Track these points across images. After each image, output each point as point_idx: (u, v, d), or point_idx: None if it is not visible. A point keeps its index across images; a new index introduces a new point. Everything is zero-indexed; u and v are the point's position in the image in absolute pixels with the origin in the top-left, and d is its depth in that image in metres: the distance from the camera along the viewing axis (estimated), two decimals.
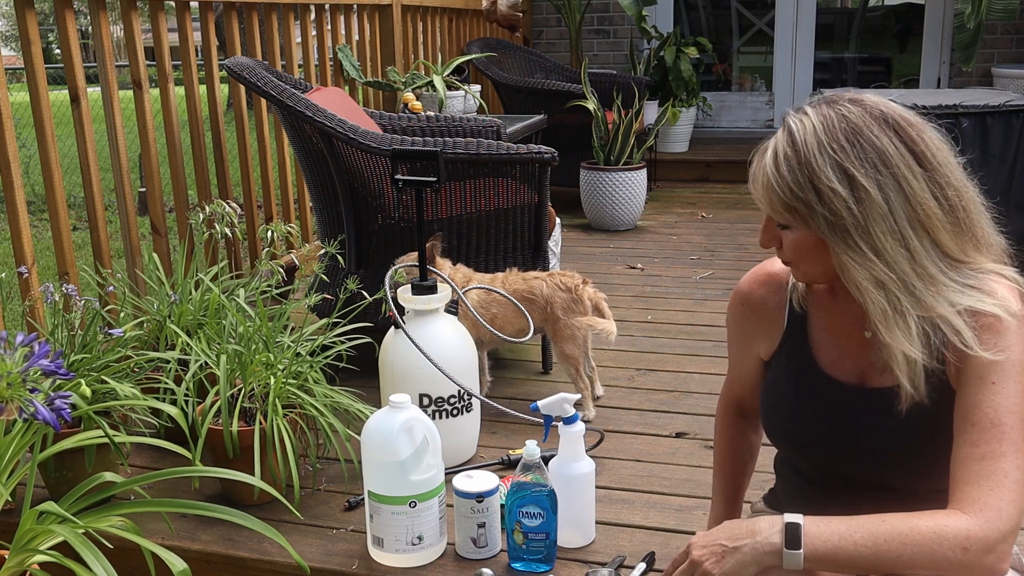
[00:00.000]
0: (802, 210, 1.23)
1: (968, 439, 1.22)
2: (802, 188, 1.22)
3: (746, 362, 1.56)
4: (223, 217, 2.43)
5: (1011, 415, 1.21)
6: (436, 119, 3.30)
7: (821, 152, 1.22)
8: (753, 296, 1.50)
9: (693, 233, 4.73)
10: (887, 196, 1.21)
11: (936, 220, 1.24)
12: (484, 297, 2.53)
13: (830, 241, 1.23)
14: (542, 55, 6.07)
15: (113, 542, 1.63)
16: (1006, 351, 1.22)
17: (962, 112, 3.35)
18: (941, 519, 1.18)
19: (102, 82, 2.72)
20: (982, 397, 1.22)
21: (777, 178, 1.24)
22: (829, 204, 1.21)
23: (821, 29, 6.77)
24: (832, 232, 1.22)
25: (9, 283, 2.19)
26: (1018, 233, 3.75)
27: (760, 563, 1.21)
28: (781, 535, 1.20)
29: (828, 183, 1.21)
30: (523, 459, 1.78)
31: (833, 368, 1.40)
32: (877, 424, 1.34)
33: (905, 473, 1.35)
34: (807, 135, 1.23)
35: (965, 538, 1.15)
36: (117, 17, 2.90)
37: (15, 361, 1.37)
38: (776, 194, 1.25)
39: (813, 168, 1.21)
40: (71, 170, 6.11)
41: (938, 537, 1.16)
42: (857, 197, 1.21)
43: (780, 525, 1.21)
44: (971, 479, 1.19)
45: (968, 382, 1.24)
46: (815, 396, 1.41)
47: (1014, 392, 1.22)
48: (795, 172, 1.23)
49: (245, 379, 2.08)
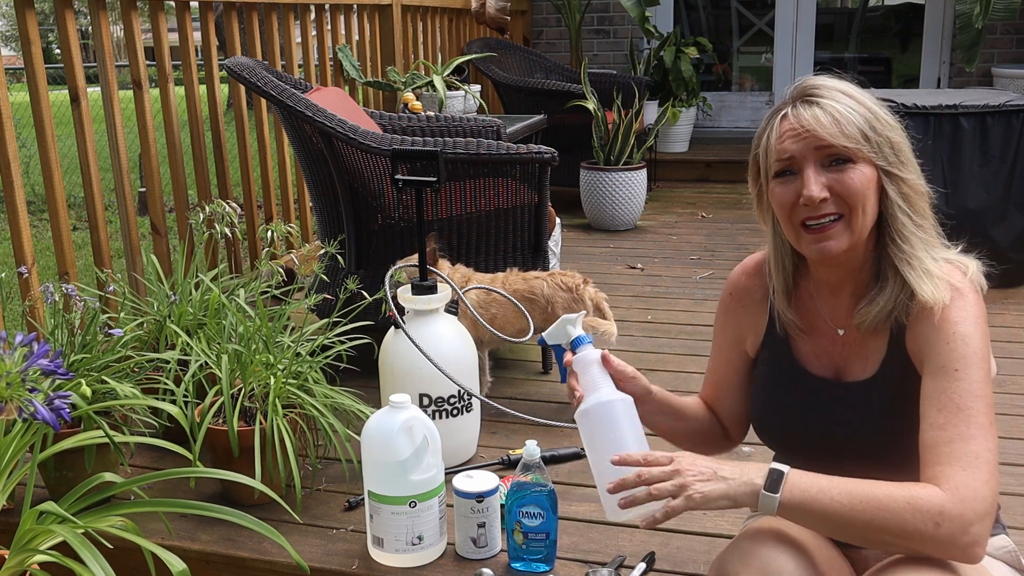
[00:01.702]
0: (874, 138, 1.31)
1: (934, 423, 1.24)
2: (870, 120, 1.31)
3: (732, 359, 1.57)
4: (223, 217, 2.43)
5: (976, 399, 1.24)
6: (436, 119, 3.30)
7: (864, 97, 1.33)
8: (740, 286, 1.54)
9: (693, 233, 4.73)
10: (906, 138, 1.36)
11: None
12: (484, 297, 2.53)
13: (893, 166, 1.32)
14: (542, 55, 6.06)
15: (113, 542, 1.63)
16: (957, 322, 1.28)
17: (962, 112, 3.35)
18: (918, 490, 1.19)
19: (102, 82, 2.72)
20: (946, 384, 1.25)
21: (851, 112, 1.31)
22: (891, 131, 1.32)
23: (821, 29, 6.76)
24: (896, 155, 1.32)
25: (9, 283, 2.19)
26: (1018, 233, 3.77)
27: (737, 499, 1.23)
28: (763, 478, 1.22)
29: (884, 116, 1.33)
30: (523, 459, 1.78)
31: (812, 364, 1.44)
32: (854, 416, 1.38)
33: (885, 463, 1.37)
34: (847, 87, 1.34)
35: (939, 513, 1.17)
36: (117, 17, 2.90)
37: (14, 361, 1.37)
38: (855, 125, 1.30)
39: (870, 106, 1.33)
40: (71, 170, 6.11)
41: (912, 507, 1.17)
42: (895, 129, 1.34)
43: (766, 470, 1.23)
44: (942, 460, 1.21)
45: (932, 372, 1.27)
46: (797, 391, 1.45)
47: (977, 378, 1.25)
48: (859, 109, 1.31)
49: (245, 379, 2.08)
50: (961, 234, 1.42)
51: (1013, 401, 2.56)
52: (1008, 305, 3.35)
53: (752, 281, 1.53)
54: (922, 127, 3.31)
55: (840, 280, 1.40)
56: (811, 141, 1.30)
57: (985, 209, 3.39)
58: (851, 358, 1.40)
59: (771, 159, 1.34)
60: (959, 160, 3.37)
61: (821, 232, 1.33)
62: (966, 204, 3.38)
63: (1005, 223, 3.46)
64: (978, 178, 3.41)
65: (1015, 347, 2.98)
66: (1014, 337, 3.06)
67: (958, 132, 3.36)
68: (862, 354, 1.39)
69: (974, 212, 3.39)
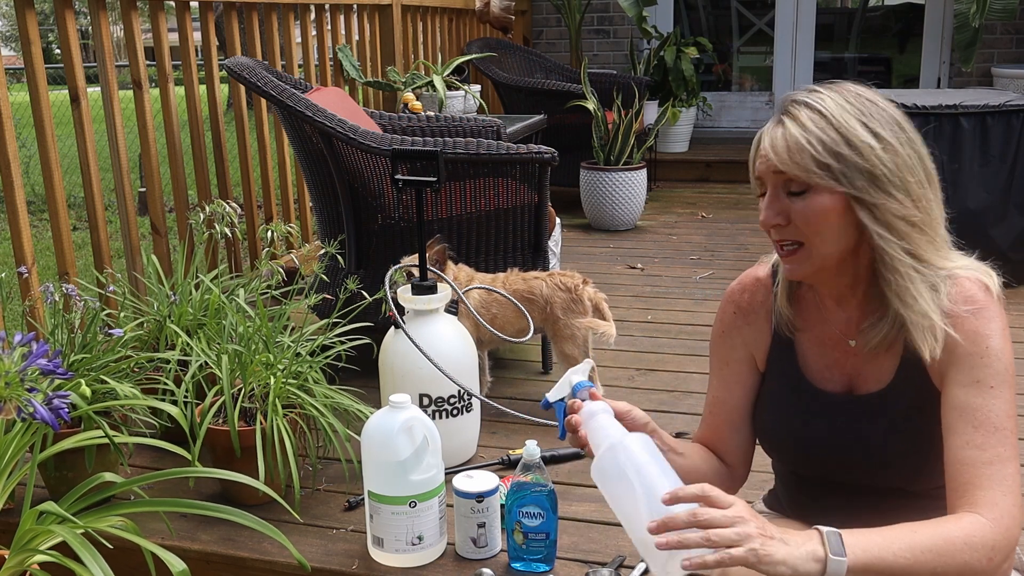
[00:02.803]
0: (835, 166, 1.24)
1: (971, 441, 1.22)
2: (836, 143, 1.24)
3: (744, 380, 1.49)
4: (223, 217, 2.43)
5: (1010, 419, 1.23)
6: (436, 119, 3.30)
7: (847, 115, 1.26)
8: (743, 302, 1.49)
9: (693, 233, 4.73)
10: (910, 152, 1.27)
11: (938, 184, 1.29)
12: (484, 297, 2.53)
13: (864, 193, 1.24)
14: (542, 55, 6.06)
15: (113, 542, 1.63)
16: (989, 336, 1.25)
17: (962, 112, 3.35)
18: (969, 527, 1.16)
19: (102, 82, 2.72)
20: (983, 401, 1.23)
21: (808, 137, 1.25)
22: (867, 158, 1.24)
23: (821, 29, 6.76)
24: (870, 182, 1.24)
25: (9, 283, 2.19)
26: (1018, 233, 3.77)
27: (798, 567, 1.09)
28: (823, 545, 1.11)
29: (860, 138, 1.24)
30: (523, 459, 1.78)
31: (821, 379, 1.41)
32: (867, 431, 1.35)
33: (899, 475, 1.36)
34: (829, 104, 1.27)
35: (991, 548, 1.15)
36: (117, 17, 2.90)
37: (13, 360, 1.37)
38: (808, 152, 1.25)
39: (844, 127, 1.25)
40: (71, 170, 6.11)
41: (969, 547, 1.15)
42: (887, 149, 1.25)
43: (817, 536, 1.13)
44: (983, 483, 1.19)
45: (965, 384, 1.24)
46: (806, 408, 1.42)
47: (1010, 396, 1.24)
48: (826, 131, 1.25)
49: (245, 379, 2.08)
50: (961, 234, 1.40)
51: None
52: (1008, 305, 3.33)
53: (753, 297, 1.48)
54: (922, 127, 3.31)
55: (840, 293, 1.37)
56: (771, 165, 1.28)
57: (985, 209, 3.39)
58: (864, 369, 1.37)
59: (751, 176, 1.34)
60: (959, 160, 3.37)
61: (784, 256, 1.32)
62: (966, 204, 3.38)
63: (1005, 223, 3.47)
64: (978, 178, 3.41)
65: (1015, 347, 2.97)
66: (1014, 337, 3.03)
67: (958, 132, 3.36)
68: (875, 364, 1.36)
69: (974, 212, 3.39)
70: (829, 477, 1.43)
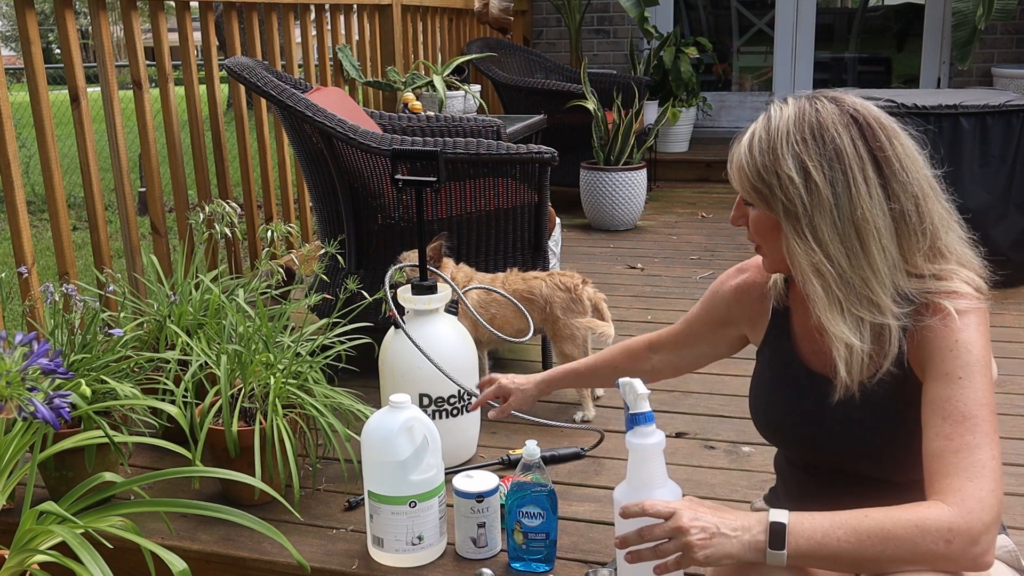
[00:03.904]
0: (764, 192, 1.31)
1: (940, 432, 1.23)
2: (767, 171, 1.30)
3: (716, 342, 1.67)
4: (223, 217, 2.43)
5: (981, 408, 1.23)
6: (436, 119, 3.30)
7: (787, 141, 1.28)
8: (746, 282, 1.58)
9: (693, 233, 4.73)
10: (835, 192, 1.27)
11: (878, 225, 1.27)
12: (484, 297, 2.53)
13: (783, 225, 1.30)
14: (542, 55, 6.06)
15: (113, 542, 1.63)
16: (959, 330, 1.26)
17: (962, 112, 3.35)
18: (923, 511, 1.18)
19: (102, 82, 2.72)
20: (951, 392, 1.24)
21: (748, 159, 1.32)
22: (785, 190, 1.28)
23: (821, 29, 6.76)
24: (785, 217, 1.30)
25: (9, 283, 2.19)
26: (1018, 233, 3.76)
27: (744, 558, 1.20)
28: (766, 534, 1.20)
29: (787, 171, 1.28)
30: (523, 459, 1.78)
31: (812, 361, 1.44)
32: (850, 415, 1.37)
33: (880, 464, 1.37)
34: (779, 123, 1.30)
35: (948, 530, 1.16)
36: (117, 17, 2.90)
37: (14, 360, 1.37)
38: (745, 174, 1.33)
39: (777, 155, 1.29)
40: (71, 170, 6.12)
41: (921, 530, 1.16)
42: (808, 188, 1.27)
43: (766, 523, 1.20)
44: (948, 471, 1.20)
45: (935, 377, 1.26)
46: (795, 386, 1.45)
47: (981, 386, 1.24)
48: (764, 155, 1.30)
49: (245, 379, 2.08)
50: None
51: (1013, 401, 2.56)
52: (1008, 305, 3.35)
53: (757, 278, 1.55)
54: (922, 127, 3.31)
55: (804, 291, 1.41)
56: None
57: (985, 209, 3.39)
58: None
59: None
60: (959, 160, 3.37)
61: (756, 251, 1.43)
62: (966, 204, 3.37)
63: (1005, 223, 3.46)
64: (978, 178, 3.41)
65: (1015, 347, 2.98)
66: (1014, 337, 3.06)
67: (958, 132, 3.36)
68: None
69: (974, 212, 3.37)
70: (814, 463, 1.45)
